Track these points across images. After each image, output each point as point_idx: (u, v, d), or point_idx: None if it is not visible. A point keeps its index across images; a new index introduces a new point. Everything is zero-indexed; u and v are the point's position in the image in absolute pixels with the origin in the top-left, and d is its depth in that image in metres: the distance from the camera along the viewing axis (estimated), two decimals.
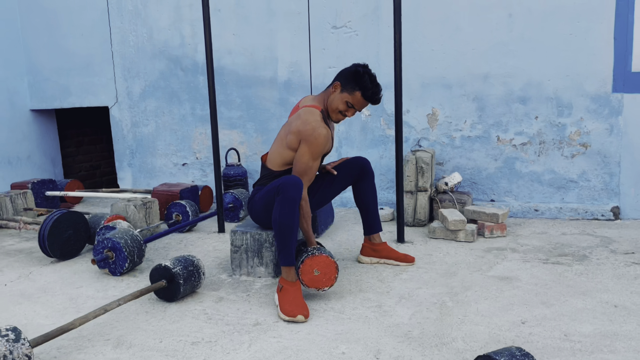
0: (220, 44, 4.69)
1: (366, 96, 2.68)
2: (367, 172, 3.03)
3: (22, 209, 4.39)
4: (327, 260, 2.54)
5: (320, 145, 2.66)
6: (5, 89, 5.41)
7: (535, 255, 3.17)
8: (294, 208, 2.48)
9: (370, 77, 2.68)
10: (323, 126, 2.68)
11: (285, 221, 2.47)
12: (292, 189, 2.48)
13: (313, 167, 2.70)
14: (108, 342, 2.23)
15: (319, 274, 2.55)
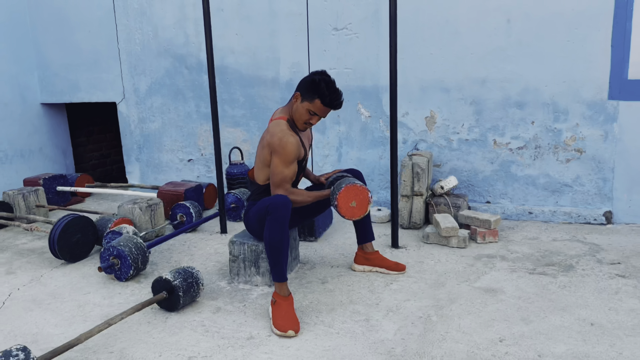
0: (223, 44, 4.76)
1: (325, 103, 2.75)
2: None
3: (34, 206, 4.57)
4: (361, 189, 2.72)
5: (290, 152, 2.77)
6: (17, 84, 5.55)
7: (523, 264, 3.28)
8: (283, 227, 2.60)
9: (327, 84, 2.74)
10: (290, 134, 2.78)
11: (275, 241, 2.60)
12: (280, 209, 2.60)
13: (288, 175, 2.80)
14: (112, 354, 2.41)
15: (356, 204, 2.72)
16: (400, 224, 4.01)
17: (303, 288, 3.04)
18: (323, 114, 2.80)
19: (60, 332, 2.64)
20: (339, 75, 4.45)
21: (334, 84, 2.79)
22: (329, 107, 2.77)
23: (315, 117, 2.80)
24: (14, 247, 3.96)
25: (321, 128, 4.63)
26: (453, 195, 4.10)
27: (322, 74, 2.81)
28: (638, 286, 2.92)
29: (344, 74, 4.44)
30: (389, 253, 3.52)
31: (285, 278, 2.66)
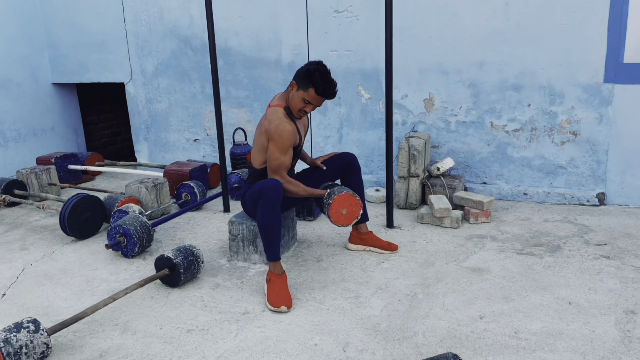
0: (227, 26, 4.85)
1: (319, 92, 2.84)
2: (353, 167, 3.26)
3: (46, 184, 4.76)
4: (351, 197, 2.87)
5: (286, 139, 2.87)
6: (28, 64, 5.70)
7: (512, 244, 3.39)
8: (275, 210, 2.74)
9: (321, 74, 2.82)
10: (286, 122, 2.89)
11: (267, 223, 2.74)
12: (271, 193, 2.74)
13: (285, 161, 2.91)
14: (116, 327, 2.59)
15: (347, 212, 2.86)
16: (397, 204, 4.13)
17: (298, 266, 3.19)
18: (317, 103, 2.89)
19: (69, 305, 2.83)
20: (340, 57, 4.53)
21: (328, 75, 2.87)
22: (323, 97, 2.87)
23: (309, 106, 2.90)
24: (27, 224, 4.16)
25: (322, 109, 4.73)
26: (449, 176, 4.20)
27: (318, 64, 2.88)
28: (620, 267, 3.02)
29: (344, 56, 4.52)
30: (383, 233, 3.65)
31: (279, 257, 2.81)
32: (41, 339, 2.26)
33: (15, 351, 2.17)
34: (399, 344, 2.37)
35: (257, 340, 2.43)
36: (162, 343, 2.44)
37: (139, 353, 2.36)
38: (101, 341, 2.47)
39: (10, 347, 2.16)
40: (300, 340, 2.42)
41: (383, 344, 2.37)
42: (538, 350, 2.28)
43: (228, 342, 2.43)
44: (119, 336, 2.51)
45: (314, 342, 2.41)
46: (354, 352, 2.32)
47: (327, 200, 2.88)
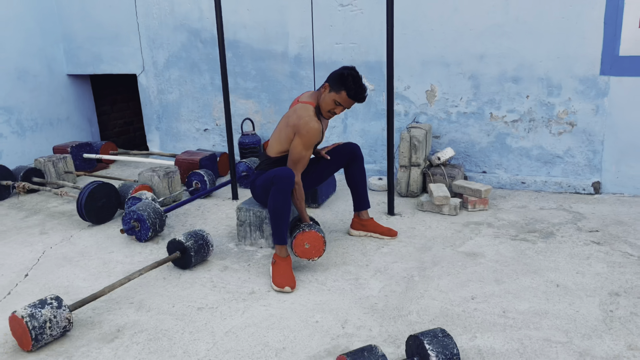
0: (236, 19, 5.00)
1: (350, 95, 3.01)
2: (356, 157, 3.42)
3: (63, 172, 4.97)
4: (316, 235, 2.98)
5: (312, 137, 3.04)
6: (44, 56, 5.89)
7: (507, 230, 3.55)
8: (286, 197, 2.91)
9: (354, 79, 2.99)
10: (315, 121, 3.04)
11: (278, 209, 2.91)
12: (284, 181, 2.91)
13: (306, 156, 3.09)
14: (132, 305, 2.78)
15: (309, 246, 3.01)
16: (399, 192, 4.29)
17: None
18: (347, 105, 3.05)
19: (88, 285, 3.03)
20: (345, 50, 4.67)
21: (360, 80, 3.03)
22: (354, 100, 3.03)
23: (339, 108, 3.06)
24: (46, 209, 4.37)
25: None
26: (449, 165, 4.35)
27: (351, 70, 3.05)
28: (609, 252, 3.17)
29: (349, 48, 4.66)
30: (384, 219, 3.81)
31: (285, 241, 2.98)
32: (64, 314, 2.45)
33: (40, 325, 2.36)
34: (394, 322, 2.54)
35: (263, 317, 2.62)
36: (175, 319, 2.63)
37: (153, 328, 2.56)
38: (118, 317, 2.66)
39: (35, 321, 2.36)
40: (302, 318, 2.60)
41: (379, 322, 2.54)
42: (524, 328, 2.44)
43: (236, 318, 2.61)
44: (134, 313, 2.70)
45: (315, 319, 2.58)
46: (352, 328, 2.50)
47: (305, 228, 2.99)
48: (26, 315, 2.35)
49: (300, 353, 2.32)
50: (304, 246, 3.00)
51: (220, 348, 2.38)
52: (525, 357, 2.23)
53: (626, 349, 2.26)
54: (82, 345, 2.44)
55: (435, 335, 2.07)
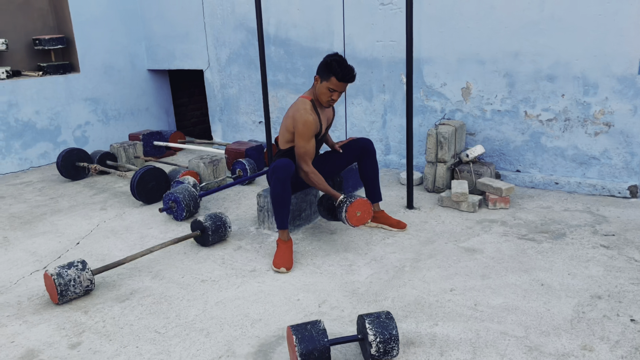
0: (287, 18, 5.32)
1: (339, 78, 3.19)
2: (367, 152, 3.59)
3: (133, 157, 5.59)
4: (362, 201, 3.18)
5: (308, 129, 3.27)
6: (128, 53, 6.60)
7: (518, 230, 3.55)
8: (284, 185, 3.18)
9: (338, 63, 3.18)
10: (310, 113, 3.28)
11: (277, 196, 3.19)
12: (281, 170, 3.18)
13: (308, 148, 3.31)
14: (150, 273, 3.20)
15: (361, 213, 3.21)
16: (426, 187, 4.39)
17: (312, 236, 3.63)
18: (341, 88, 3.25)
19: (122, 254, 3.50)
20: (385, 47, 4.82)
21: (344, 62, 3.23)
22: (344, 82, 3.22)
23: (335, 93, 3.27)
24: (111, 189, 4.98)
25: (368, 96, 5.06)
26: (479, 163, 4.37)
27: (334, 55, 3.26)
28: (614, 257, 3.10)
29: (389, 46, 4.80)
30: (401, 213, 3.96)
31: (286, 226, 3.25)
32: (86, 275, 2.91)
33: (65, 282, 2.84)
34: (367, 305, 2.73)
35: (253, 292, 2.92)
36: (179, 288, 3.01)
37: (159, 293, 2.95)
38: (135, 283, 3.09)
39: (61, 279, 2.83)
40: (287, 295, 2.87)
41: (354, 304, 2.74)
42: (487, 320, 2.53)
43: (230, 291, 2.94)
44: (149, 280, 3.12)
45: (297, 297, 2.84)
46: (327, 307, 2.72)
47: (349, 199, 3.21)
48: (55, 273, 2.83)
49: (272, 324, 2.60)
50: (356, 215, 3.20)
51: (207, 315, 2.72)
52: (475, 347, 2.34)
53: (579, 348, 2.29)
54: (98, 303, 2.89)
55: (378, 317, 2.25)
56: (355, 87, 5.12)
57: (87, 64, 6.22)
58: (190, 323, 2.65)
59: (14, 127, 5.72)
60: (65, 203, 4.65)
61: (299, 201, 3.73)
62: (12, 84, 5.66)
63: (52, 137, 6.04)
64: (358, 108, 5.17)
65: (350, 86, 5.12)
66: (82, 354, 2.45)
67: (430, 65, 4.65)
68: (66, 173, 5.27)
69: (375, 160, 3.63)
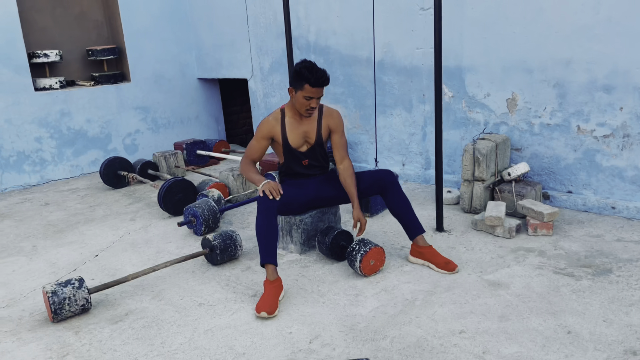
0: (327, 26, 5.12)
1: (312, 84, 3.00)
2: (388, 184, 3.24)
3: (173, 166, 5.61)
4: (377, 250, 3.11)
5: (259, 130, 3.26)
6: (178, 62, 6.67)
7: (556, 262, 3.14)
8: (268, 218, 2.96)
9: (307, 69, 2.99)
10: (269, 117, 3.27)
11: (259, 229, 2.97)
12: (263, 203, 2.98)
13: (253, 144, 3.28)
14: (152, 293, 3.11)
15: (375, 262, 3.12)
16: (462, 208, 4.03)
17: (326, 259, 3.40)
18: (316, 94, 3.05)
19: (134, 269, 3.44)
20: (425, 55, 4.50)
21: (314, 66, 3.04)
22: (318, 86, 3.03)
23: (313, 100, 3.07)
24: (147, 199, 5.00)
25: (408, 106, 4.75)
26: (523, 182, 3.95)
27: (302, 62, 3.07)
28: None
29: (429, 53, 4.47)
30: (429, 236, 3.63)
31: (271, 261, 2.94)
32: (82, 294, 2.86)
33: (59, 300, 2.80)
34: (362, 345, 2.47)
35: (245, 321, 2.74)
36: (174, 311, 2.89)
37: (152, 316, 2.85)
38: (133, 303, 3.01)
39: (56, 297, 2.79)
40: (280, 327, 2.66)
41: (348, 342, 2.49)
42: None
43: (223, 318, 2.78)
44: (148, 301, 3.02)
45: (290, 330, 2.63)
46: (317, 345, 2.49)
47: (363, 248, 3.07)
48: (50, 291, 2.80)
49: None
50: (370, 264, 3.10)
51: (192, 344, 2.57)
52: None
53: None
54: (92, 323, 2.83)
55: None
56: (394, 96, 4.83)
57: (137, 73, 6.34)
58: (173, 353, 2.51)
59: (66, 135, 5.93)
60: (101, 212, 4.71)
61: (315, 220, 3.52)
62: (64, 94, 5.86)
63: (103, 144, 6.20)
64: (397, 119, 4.87)
65: (389, 96, 4.84)
66: None
67: (472, 74, 4.28)
68: (108, 181, 5.37)
69: (400, 191, 3.26)
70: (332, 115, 3.34)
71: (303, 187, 3.36)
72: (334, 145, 3.33)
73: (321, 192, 3.37)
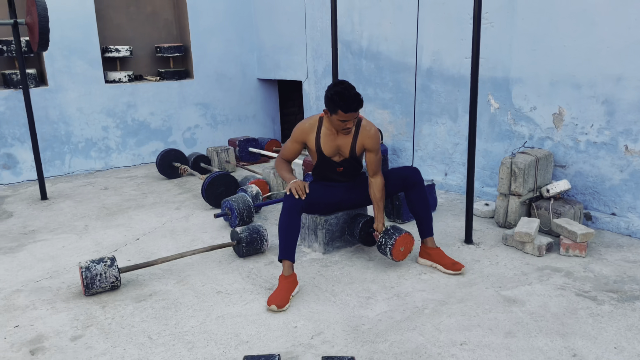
0: (379, 32, 5.16)
1: (345, 110, 3.01)
2: (412, 183, 3.29)
3: (224, 161, 5.85)
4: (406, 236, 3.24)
5: (295, 132, 3.33)
6: (240, 62, 6.93)
7: (582, 284, 3.03)
8: (290, 216, 3.04)
9: (340, 96, 2.98)
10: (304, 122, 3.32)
11: (281, 225, 3.06)
12: (287, 200, 3.08)
13: (287, 146, 3.39)
14: (178, 277, 3.29)
15: (404, 249, 3.25)
16: (497, 221, 3.95)
17: (347, 261, 3.45)
18: (350, 117, 3.06)
19: (167, 254, 3.65)
20: None
21: (345, 92, 2.98)
22: (351, 112, 3.03)
23: (348, 122, 3.09)
24: (195, 190, 5.25)
25: (453, 116, 4.70)
26: (563, 200, 3.81)
27: (334, 87, 3.03)
28: None
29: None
30: (456, 247, 3.60)
31: (288, 257, 3.03)
32: (113, 272, 3.08)
33: (92, 276, 3.03)
34: (361, 346, 2.51)
35: (256, 311, 2.85)
36: (194, 296, 3.04)
37: (173, 299, 3.02)
38: (159, 285, 3.20)
39: (89, 273, 3.02)
40: (287, 320, 2.75)
41: (348, 342, 2.54)
42: None
43: (236, 307, 2.90)
44: (173, 284, 3.20)
45: (295, 324, 2.71)
46: (318, 341, 2.56)
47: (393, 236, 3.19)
48: (84, 267, 3.04)
49: (255, 349, 2.51)
50: (401, 251, 3.21)
51: (203, 328, 2.71)
52: None
53: None
54: (118, 300, 3.04)
55: None
56: (440, 105, 4.79)
57: (200, 70, 6.65)
58: (183, 334, 2.66)
59: (130, 125, 6.32)
60: (151, 199, 5.00)
61: (341, 222, 3.58)
62: (132, 87, 6.25)
63: (164, 137, 6.55)
64: (442, 128, 4.83)
65: (436, 104, 4.81)
66: (77, 347, 2.58)
67: (520, 86, 4.18)
68: (163, 171, 5.68)
69: (423, 191, 3.33)
70: (369, 134, 3.27)
71: (331, 190, 3.43)
72: (368, 162, 3.33)
73: (348, 196, 3.44)
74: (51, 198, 5.16)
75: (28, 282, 3.31)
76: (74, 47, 5.85)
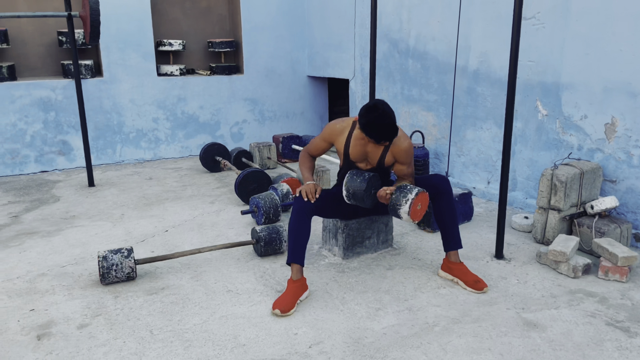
0: (427, 31, 4.97)
1: (377, 141, 2.87)
2: (440, 192, 3.11)
3: (266, 157, 5.84)
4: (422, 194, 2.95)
5: (326, 129, 3.22)
6: (290, 59, 6.91)
7: (615, 312, 2.75)
8: (299, 219, 2.94)
9: (371, 127, 2.80)
10: (337, 123, 3.19)
11: (290, 228, 2.96)
12: (297, 202, 2.98)
13: (316, 141, 3.28)
14: (194, 272, 3.29)
15: (421, 207, 2.98)
16: (534, 237, 3.69)
17: (365, 268, 3.32)
18: (379, 144, 2.93)
19: (191, 248, 3.66)
20: (521, 68, 4.17)
21: (377, 122, 2.80)
22: (383, 142, 2.90)
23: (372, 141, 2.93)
24: (232, 185, 5.27)
25: (499, 122, 4.45)
26: (609, 218, 3.50)
27: (368, 114, 2.83)
28: None
29: (526, 66, 4.14)
30: (484, 261, 3.39)
31: (297, 261, 2.92)
32: (129, 263, 3.12)
33: (108, 266, 3.08)
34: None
35: (260, 314, 2.79)
36: (203, 293, 3.03)
37: (183, 294, 3.02)
38: (173, 279, 3.21)
39: (105, 262, 3.08)
40: (289, 326, 2.67)
41: (346, 355, 2.43)
42: None
43: (242, 308, 2.86)
44: (187, 279, 3.21)
45: (296, 331, 2.63)
46: (315, 351, 2.46)
47: (410, 193, 2.92)
48: (101, 257, 3.10)
49: (250, 353, 2.45)
50: (417, 209, 2.96)
51: (204, 327, 2.68)
52: None
53: None
54: (131, 291, 3.07)
55: None
56: (486, 109, 4.55)
57: (250, 66, 6.68)
58: (183, 331, 2.64)
59: (180, 118, 6.44)
60: (189, 192, 5.07)
61: (362, 227, 3.46)
62: (183, 81, 6.38)
63: (212, 130, 6.64)
64: (487, 134, 4.58)
65: (481, 108, 4.57)
66: (81, 335, 2.62)
67: (570, 92, 3.88)
68: (206, 165, 5.75)
69: (451, 201, 3.14)
70: (402, 147, 3.06)
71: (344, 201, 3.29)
72: (397, 170, 3.16)
73: (358, 208, 3.31)
74: (98, 185, 5.34)
75: (54, 267, 3.41)
76: (129, 40, 6.03)
